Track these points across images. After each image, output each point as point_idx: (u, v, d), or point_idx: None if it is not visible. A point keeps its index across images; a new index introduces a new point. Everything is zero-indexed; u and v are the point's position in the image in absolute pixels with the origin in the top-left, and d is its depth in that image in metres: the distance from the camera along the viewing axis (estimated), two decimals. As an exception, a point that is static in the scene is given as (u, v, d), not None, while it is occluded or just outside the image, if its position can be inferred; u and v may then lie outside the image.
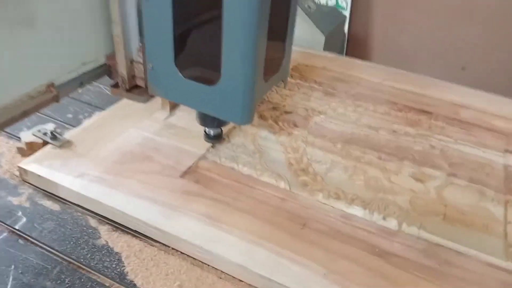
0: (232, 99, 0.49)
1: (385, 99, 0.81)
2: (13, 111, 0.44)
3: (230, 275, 0.48)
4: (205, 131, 0.61)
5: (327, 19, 1.15)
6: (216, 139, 0.62)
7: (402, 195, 0.59)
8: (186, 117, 0.70)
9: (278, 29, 0.53)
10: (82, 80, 0.52)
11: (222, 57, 0.46)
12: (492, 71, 1.57)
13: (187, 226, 0.50)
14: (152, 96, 0.56)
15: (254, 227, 0.51)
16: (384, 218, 0.55)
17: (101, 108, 0.75)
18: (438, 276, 0.47)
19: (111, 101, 0.76)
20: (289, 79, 0.85)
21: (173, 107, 0.61)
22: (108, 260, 0.48)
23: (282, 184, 0.59)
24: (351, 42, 1.64)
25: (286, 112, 0.75)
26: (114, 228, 0.52)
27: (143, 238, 0.51)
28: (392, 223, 0.54)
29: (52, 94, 0.48)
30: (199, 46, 0.52)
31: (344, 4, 1.59)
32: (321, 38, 1.07)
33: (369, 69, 0.92)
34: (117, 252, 0.49)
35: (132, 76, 0.55)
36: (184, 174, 0.58)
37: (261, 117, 0.73)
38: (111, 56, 0.54)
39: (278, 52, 0.55)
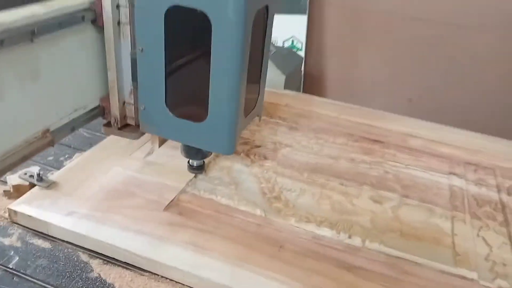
0: (218, 133, 0.56)
1: (342, 131, 0.91)
2: (13, 157, 0.48)
3: (217, 297, 0.52)
4: (188, 163, 0.67)
5: (286, 60, 1.26)
6: (199, 169, 0.68)
7: (363, 216, 0.66)
8: (164, 154, 0.75)
9: (254, 73, 0.61)
10: (74, 125, 0.56)
11: (209, 97, 0.53)
12: (437, 102, 1.73)
13: (174, 255, 0.55)
14: (142, 133, 0.62)
15: (235, 252, 0.57)
16: (349, 237, 0.62)
17: (80, 149, 0.79)
18: (400, 284, 0.54)
19: (90, 143, 0.80)
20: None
21: (162, 142, 0.67)
22: (102, 290, 0.52)
23: (258, 212, 0.65)
24: (307, 80, 1.76)
25: (256, 146, 0.82)
26: (105, 261, 0.56)
27: (133, 268, 0.55)
28: (356, 241, 0.61)
29: (48, 139, 0.53)
30: (188, 89, 0.60)
31: (299, 45, 1.72)
32: (282, 78, 1.17)
33: (326, 105, 1.02)
34: (110, 283, 0.53)
35: (123, 116, 0.61)
36: (167, 207, 0.63)
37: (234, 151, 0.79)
38: (105, 98, 0.60)
39: (254, 92, 0.64)
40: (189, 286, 0.53)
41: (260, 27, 0.59)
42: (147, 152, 0.76)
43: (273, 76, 1.19)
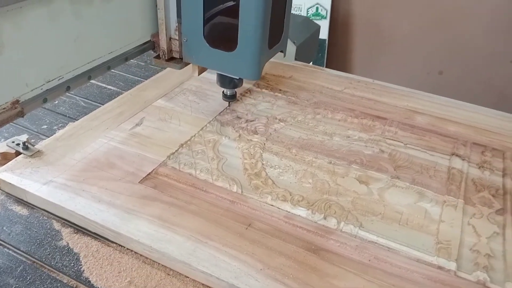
0: (246, 61, 0.70)
1: (343, 106, 0.86)
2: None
3: (177, 272, 0.52)
4: (223, 92, 0.81)
5: (299, 29, 1.20)
6: (232, 98, 0.82)
7: (345, 197, 0.63)
8: (151, 126, 0.75)
9: (278, 11, 0.73)
10: (128, 56, 0.70)
11: (239, 30, 0.67)
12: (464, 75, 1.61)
13: (140, 228, 0.55)
14: (186, 64, 0.77)
15: (201, 228, 0.56)
16: (324, 218, 0.59)
17: (74, 119, 0.80)
18: (366, 270, 0.52)
19: (85, 112, 0.81)
20: (254, 88, 0.91)
21: (201, 71, 0.80)
22: (67, 259, 0.53)
23: (235, 188, 0.63)
24: (331, 50, 1.69)
25: (249, 121, 0.80)
26: (76, 231, 0.57)
27: (101, 239, 0.56)
28: (331, 222, 0.59)
29: (17, 110, 0.53)
30: (221, 23, 0.74)
31: (324, 13, 1.64)
32: (293, 49, 1.12)
33: (332, 78, 0.97)
34: (76, 253, 0.54)
35: (170, 50, 0.76)
36: (143, 180, 0.63)
37: (224, 124, 0.78)
38: (155, 34, 0.75)
39: (278, 28, 0.77)
40: (151, 259, 0.54)
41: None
42: (135, 123, 0.76)
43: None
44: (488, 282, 0.52)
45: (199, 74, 0.80)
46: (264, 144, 0.74)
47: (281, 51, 0.81)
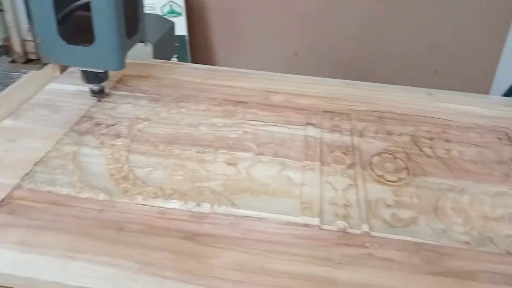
0: (106, 53, 0.71)
1: (205, 96, 0.88)
2: None
3: (49, 294, 0.49)
4: (90, 89, 0.81)
5: (153, 28, 1.19)
6: (100, 93, 0.82)
7: (215, 181, 0.66)
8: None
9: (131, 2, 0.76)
10: None
11: (93, 24, 0.69)
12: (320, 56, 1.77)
13: (-2, 259, 0.51)
14: (44, 64, 0.76)
15: (69, 244, 0.53)
16: (198, 205, 0.61)
17: None
18: (239, 243, 0.55)
19: None
20: (113, 91, 0.88)
21: (63, 69, 0.82)
22: None
23: (102, 196, 0.61)
24: (193, 46, 1.71)
25: (109, 125, 0.77)
26: None
27: (-47, 282, 0.50)
28: (205, 207, 0.60)
29: None
30: (76, 19, 0.74)
31: (178, 9, 1.65)
32: (149, 48, 1.11)
33: (191, 71, 0.99)
34: None
35: (25, 52, 0.74)
36: (-5, 209, 0.58)
37: (83, 133, 0.74)
38: (7, 38, 0.72)
39: (134, 17, 0.80)
40: (17, 289, 0.49)
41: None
42: (-22, 150, 0.68)
43: (140, 46, 1.12)
44: (348, 228, 0.59)
45: (61, 73, 0.81)
46: (130, 146, 0.72)
47: (142, 41, 0.84)
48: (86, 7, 0.70)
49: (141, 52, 1.12)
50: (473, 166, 0.73)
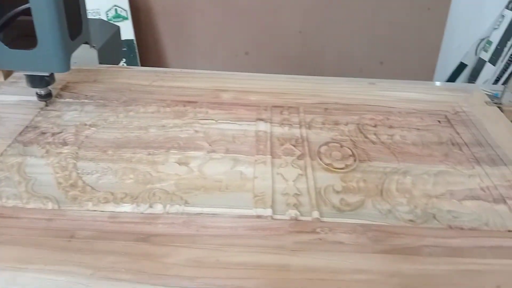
0: (50, 56, 0.71)
1: (154, 98, 0.88)
2: None
3: (-2, 310, 0.48)
4: (37, 93, 0.80)
5: (97, 33, 1.17)
6: (47, 97, 0.81)
7: (168, 181, 0.66)
8: None
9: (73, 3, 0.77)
10: None
11: (35, 27, 0.68)
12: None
13: None
14: None
15: (18, 255, 0.52)
16: (150, 206, 0.61)
17: None
18: (194, 240, 0.55)
19: None
20: (57, 99, 0.85)
21: (7, 75, 0.81)
22: None
23: (50, 205, 0.60)
24: (142, 49, 1.69)
25: (55, 133, 0.75)
26: None
27: None
28: (157, 208, 0.60)
29: None
30: (17, 23, 0.74)
31: (124, 13, 1.62)
32: (94, 53, 1.08)
33: (139, 73, 0.98)
34: None
35: None
36: None
37: (27, 144, 0.72)
38: None
39: (77, 18, 0.80)
40: (-38, 309, 0.48)
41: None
42: None
43: (85, 52, 1.10)
44: (299, 216, 0.61)
45: (5, 79, 0.80)
46: (77, 153, 0.71)
47: (87, 43, 0.85)
48: (28, 12, 0.69)
49: (86, 58, 1.09)
50: (415, 148, 0.77)
